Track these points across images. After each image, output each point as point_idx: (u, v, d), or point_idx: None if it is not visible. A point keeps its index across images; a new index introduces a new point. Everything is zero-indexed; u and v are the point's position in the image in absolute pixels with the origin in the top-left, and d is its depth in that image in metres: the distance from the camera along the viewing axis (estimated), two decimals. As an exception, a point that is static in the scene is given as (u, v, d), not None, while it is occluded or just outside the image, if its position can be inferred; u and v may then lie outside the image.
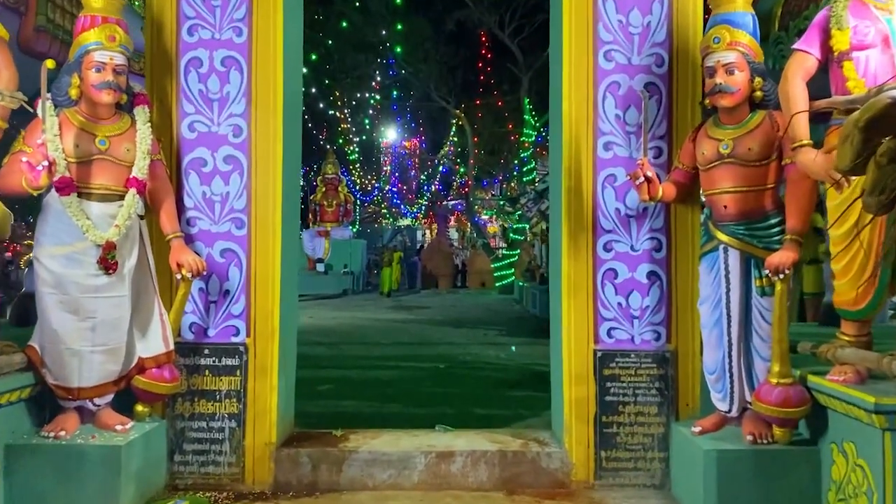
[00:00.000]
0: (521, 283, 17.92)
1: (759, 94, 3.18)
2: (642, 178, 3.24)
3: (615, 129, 3.60)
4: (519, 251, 20.54)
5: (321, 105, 18.15)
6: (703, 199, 3.39)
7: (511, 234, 21.03)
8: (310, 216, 24.36)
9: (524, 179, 20.24)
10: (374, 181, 32.07)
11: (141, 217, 3.34)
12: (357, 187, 31.76)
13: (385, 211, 35.97)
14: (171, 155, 3.56)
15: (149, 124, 3.34)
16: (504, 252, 20.95)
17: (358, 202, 33.34)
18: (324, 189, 23.56)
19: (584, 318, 3.55)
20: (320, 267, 21.49)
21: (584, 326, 3.55)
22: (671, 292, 3.57)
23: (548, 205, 15.42)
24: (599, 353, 3.52)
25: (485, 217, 29.02)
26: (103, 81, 3.16)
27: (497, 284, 20.64)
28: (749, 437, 3.08)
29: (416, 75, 20.43)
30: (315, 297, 19.25)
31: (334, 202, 23.50)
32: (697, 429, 3.27)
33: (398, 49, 17.61)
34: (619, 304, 3.57)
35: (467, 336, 10.56)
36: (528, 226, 20.61)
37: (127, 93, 3.34)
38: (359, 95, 20.09)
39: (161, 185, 3.43)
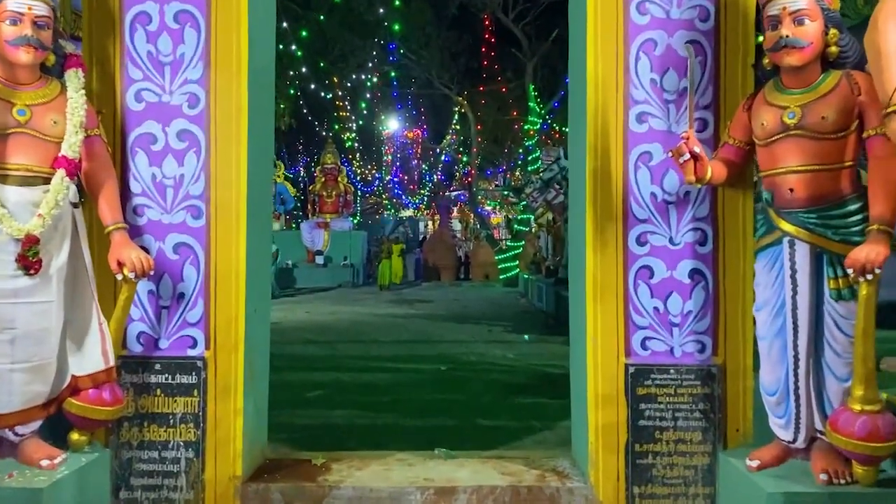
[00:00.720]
0: (526, 276, 17.32)
1: (833, 49, 2.55)
2: (687, 156, 2.63)
3: (650, 96, 2.97)
4: (523, 243, 19.93)
5: (321, 93, 17.47)
6: (761, 180, 2.77)
7: (515, 226, 20.40)
8: (309, 207, 23.78)
9: (529, 168, 19.59)
10: (374, 171, 31.42)
11: (74, 205, 2.74)
12: (357, 177, 31.17)
13: (386, 202, 35.40)
14: (113, 130, 2.95)
15: (83, 92, 2.73)
16: (508, 244, 20.32)
17: (359, 193, 32.80)
18: (323, 179, 22.95)
19: (612, 325, 2.94)
20: (319, 259, 20.92)
21: (612, 336, 2.94)
22: (718, 295, 2.95)
23: (554, 194, 14.85)
24: (632, 369, 2.91)
25: (488, 208, 28.40)
26: (20, 36, 2.55)
27: (501, 277, 20.05)
28: (823, 476, 2.48)
29: (418, 61, 19.75)
30: (313, 290, 18.72)
31: (334, 192, 22.89)
32: (755, 462, 2.66)
33: (396, 28, 16.90)
34: (656, 308, 2.95)
35: (471, 333, 9.98)
36: (532, 216, 19.98)
37: (56, 54, 2.73)
38: (357, 80, 19.42)
39: (100, 165, 2.82)
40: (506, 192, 24.04)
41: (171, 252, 2.95)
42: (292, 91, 13.98)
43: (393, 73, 18.02)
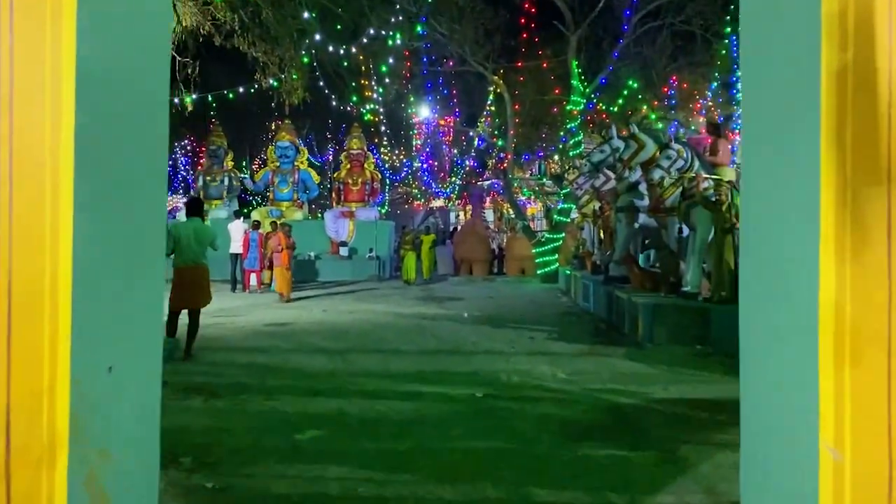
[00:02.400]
0: (567, 272, 15.65)
1: None
2: None
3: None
4: (563, 235, 18.24)
5: (341, 61, 15.92)
6: None
7: (555, 216, 18.69)
8: (333, 195, 22.41)
9: (570, 153, 17.89)
10: (403, 157, 29.84)
11: None
12: (386, 165, 29.70)
13: (416, 191, 33.86)
14: None
15: None
16: (547, 235, 18.64)
17: (387, 181, 31.33)
18: (348, 166, 21.53)
19: (878, 405, 1.35)
20: (343, 251, 19.54)
21: (877, 425, 1.35)
22: None
23: (603, 180, 13.13)
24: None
25: (523, 197, 26.69)
26: None
27: (539, 272, 18.38)
28: None
29: (450, 37, 18.10)
30: (336, 284, 17.36)
31: (360, 180, 21.46)
32: None
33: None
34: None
35: (510, 340, 8.43)
36: (574, 206, 18.28)
37: None
38: (381, 53, 17.89)
39: None
40: (544, 180, 22.32)
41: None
42: (306, 60, 12.50)
43: (422, 45, 16.21)
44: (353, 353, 7.43)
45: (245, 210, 22.84)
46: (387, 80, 18.28)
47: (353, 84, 15.72)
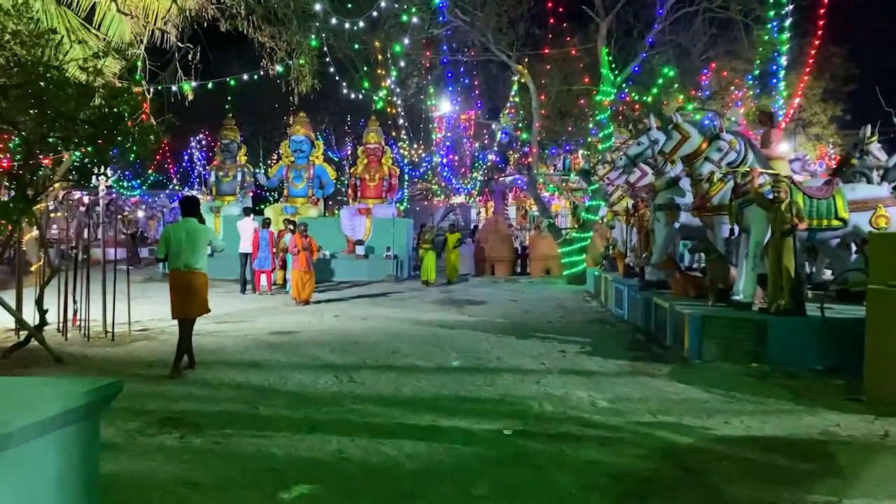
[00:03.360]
0: (596, 273, 14.66)
1: None
2: None
3: None
4: (591, 234, 17.22)
5: (358, 59, 15.08)
6: None
7: (583, 214, 17.66)
8: (349, 191, 21.58)
9: (600, 147, 16.84)
10: (422, 152, 28.85)
11: None
12: (405, 160, 28.83)
13: (436, 187, 32.92)
14: None
15: None
16: (575, 234, 17.62)
17: (406, 176, 30.41)
18: (365, 161, 20.67)
19: None
20: (360, 249, 18.70)
21: None
22: None
23: (638, 175, 12.15)
24: None
25: (546, 193, 25.65)
26: None
27: (565, 273, 17.38)
28: None
29: (472, 24, 17.12)
30: (351, 284, 16.54)
31: (377, 175, 20.58)
32: None
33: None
34: None
35: (538, 354, 7.51)
36: (602, 203, 17.25)
37: None
38: (404, 50, 17.03)
39: None
40: (571, 175, 21.23)
41: None
42: (314, 43, 11.63)
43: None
44: (361, 371, 6.57)
45: (262, 206, 22.11)
46: (402, 65, 17.30)
47: (366, 68, 14.77)
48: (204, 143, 31.16)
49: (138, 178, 33.21)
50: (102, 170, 8.61)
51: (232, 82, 11.29)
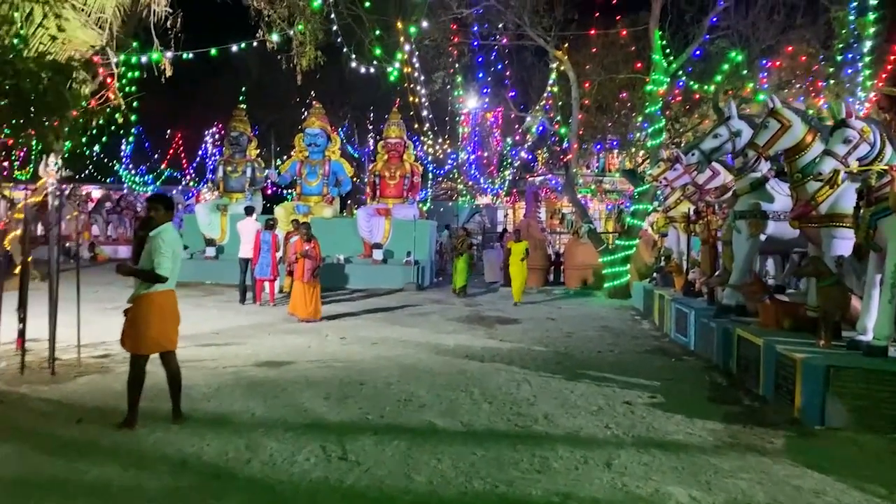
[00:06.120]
0: (646, 287, 12.71)
1: None
2: None
3: None
4: (637, 242, 15.23)
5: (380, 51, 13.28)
6: None
7: (628, 219, 15.68)
8: (367, 190, 19.85)
9: (649, 144, 14.87)
10: (447, 148, 26.92)
11: None
12: (429, 157, 27.00)
13: (461, 186, 31.02)
14: None
15: None
16: (619, 242, 15.64)
17: (429, 174, 28.57)
18: (385, 157, 18.92)
19: None
20: (378, 254, 16.95)
21: None
22: None
23: (710, 175, 10.19)
24: None
25: (580, 195, 23.63)
26: None
27: (606, 285, 15.41)
28: None
29: (506, 3, 15.25)
30: (367, 293, 14.80)
31: (398, 173, 18.77)
32: None
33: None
34: None
35: (598, 409, 5.66)
36: (650, 207, 15.25)
37: None
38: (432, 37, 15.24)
39: None
40: (617, 174, 19.21)
41: None
42: (316, 4, 9.84)
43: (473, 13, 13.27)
44: (360, 438, 4.77)
45: (277, 205, 20.47)
46: (426, 43, 15.46)
47: (377, 32, 12.93)
48: (218, 136, 29.70)
49: (151, 172, 31.95)
50: (51, 158, 6.99)
51: (214, 52, 9.60)
